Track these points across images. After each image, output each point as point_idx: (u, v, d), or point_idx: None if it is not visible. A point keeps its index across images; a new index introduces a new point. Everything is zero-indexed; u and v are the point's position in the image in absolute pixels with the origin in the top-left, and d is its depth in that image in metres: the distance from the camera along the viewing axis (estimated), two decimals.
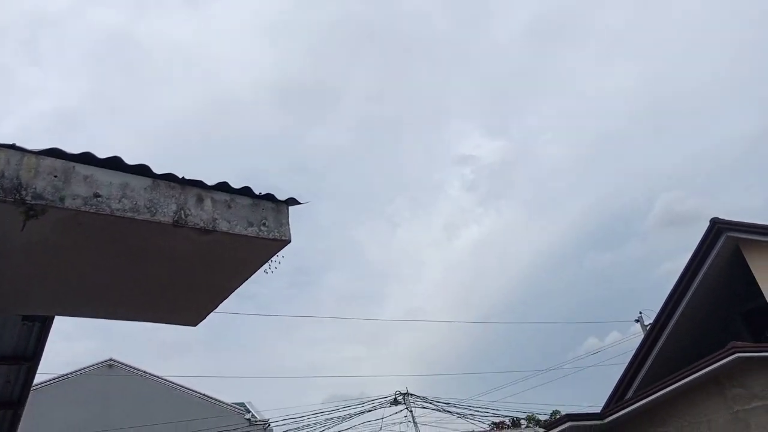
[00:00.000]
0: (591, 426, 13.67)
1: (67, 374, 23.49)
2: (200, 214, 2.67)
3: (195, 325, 3.73)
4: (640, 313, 23.43)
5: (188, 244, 2.75)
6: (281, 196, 2.99)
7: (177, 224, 2.58)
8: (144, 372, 25.34)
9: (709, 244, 14.16)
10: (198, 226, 2.64)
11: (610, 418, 13.66)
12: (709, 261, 14.21)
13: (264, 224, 2.85)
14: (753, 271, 13.90)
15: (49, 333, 6.32)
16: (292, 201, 3.00)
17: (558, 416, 16.05)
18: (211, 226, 2.68)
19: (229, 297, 3.39)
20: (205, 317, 3.60)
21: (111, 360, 24.84)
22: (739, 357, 11.60)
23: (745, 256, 14.04)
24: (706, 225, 14.53)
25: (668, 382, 12.72)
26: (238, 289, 3.21)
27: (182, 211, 2.60)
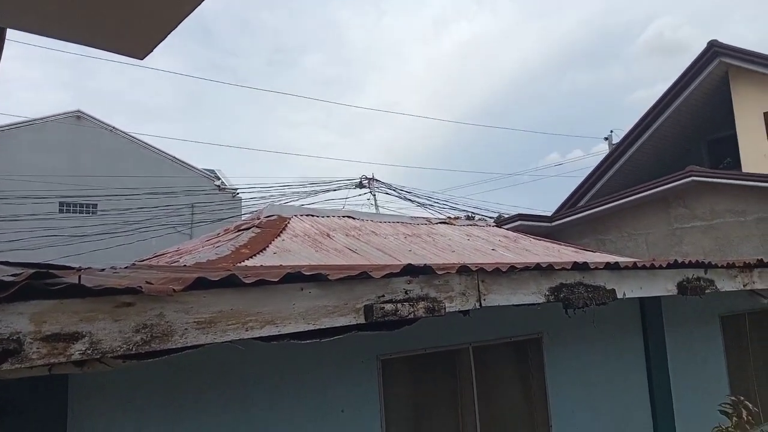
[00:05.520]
0: (540, 227, 14.55)
1: (33, 119, 23.13)
2: None
3: (142, 58, 3.38)
4: (611, 131, 23.59)
5: None
6: None
7: None
8: (113, 128, 25.13)
9: (701, 66, 13.73)
10: None
11: (558, 222, 14.51)
12: (695, 83, 13.93)
13: None
14: (734, 99, 13.77)
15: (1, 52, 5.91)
16: None
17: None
18: None
19: (179, 26, 3.02)
20: (152, 48, 3.24)
21: (79, 111, 24.36)
22: (693, 180, 12.03)
23: (731, 82, 13.78)
24: (692, 57, 14.07)
25: (620, 196, 13.30)
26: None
27: None
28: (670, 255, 12.68)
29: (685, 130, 15.42)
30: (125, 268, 3.78)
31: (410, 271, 2.56)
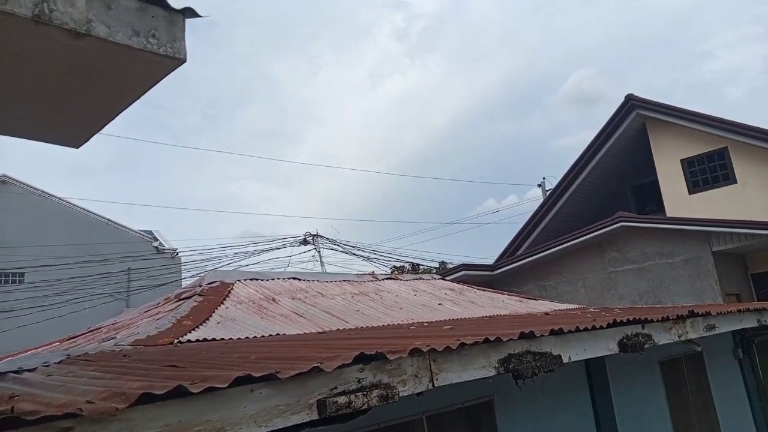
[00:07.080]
0: (483, 276, 14.83)
1: None
2: (70, 11, 2.19)
3: (77, 147, 3.34)
4: (543, 178, 24.71)
5: (58, 49, 2.30)
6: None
7: (38, 20, 2.11)
8: (42, 191, 24.08)
9: (621, 118, 14.67)
10: (67, 27, 2.18)
11: (500, 270, 14.83)
12: (616, 134, 14.83)
13: (153, 35, 2.42)
14: (652, 148, 14.71)
15: None
16: (190, 12, 2.55)
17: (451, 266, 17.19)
18: (84, 29, 2.22)
19: (119, 118, 3.00)
20: (88, 139, 3.21)
21: (4, 176, 23.28)
22: (623, 225, 12.65)
23: (648, 133, 14.76)
24: (607, 106, 15.33)
25: (556, 243, 13.79)
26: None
27: (45, 4, 2.12)
28: (606, 298, 13.15)
29: (612, 177, 16.32)
30: (59, 362, 3.58)
31: (362, 359, 2.56)
